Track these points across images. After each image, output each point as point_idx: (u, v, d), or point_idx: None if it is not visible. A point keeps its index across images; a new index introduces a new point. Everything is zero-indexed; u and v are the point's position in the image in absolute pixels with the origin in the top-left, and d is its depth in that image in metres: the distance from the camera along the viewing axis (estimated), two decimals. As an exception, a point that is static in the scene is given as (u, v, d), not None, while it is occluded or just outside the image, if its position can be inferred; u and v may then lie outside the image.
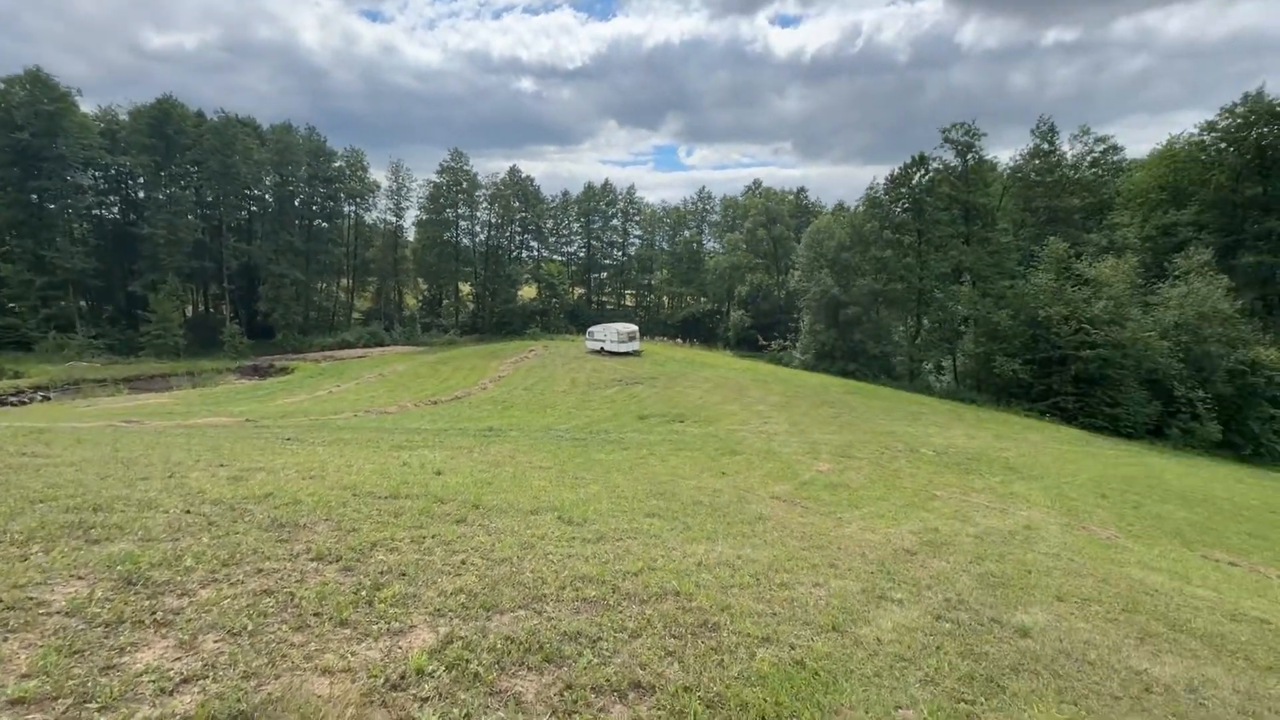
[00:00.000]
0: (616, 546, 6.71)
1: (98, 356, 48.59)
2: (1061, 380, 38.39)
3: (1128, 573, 9.78)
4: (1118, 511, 16.05)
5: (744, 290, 73.74)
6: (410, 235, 77.73)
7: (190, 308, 65.04)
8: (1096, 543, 12.10)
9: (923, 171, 50.85)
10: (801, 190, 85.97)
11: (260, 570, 4.67)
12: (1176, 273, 40.18)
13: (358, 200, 72.18)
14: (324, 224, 69.92)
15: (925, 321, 51.28)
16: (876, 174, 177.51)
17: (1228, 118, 44.84)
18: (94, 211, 59.11)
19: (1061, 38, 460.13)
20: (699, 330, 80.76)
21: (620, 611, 4.78)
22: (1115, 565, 10.17)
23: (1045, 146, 54.02)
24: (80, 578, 4.14)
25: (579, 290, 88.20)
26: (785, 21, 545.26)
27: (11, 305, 51.05)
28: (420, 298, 79.40)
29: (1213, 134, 46.00)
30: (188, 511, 6.10)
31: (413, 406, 31.71)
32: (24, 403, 35.31)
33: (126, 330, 53.81)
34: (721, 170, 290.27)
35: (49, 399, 36.86)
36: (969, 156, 49.16)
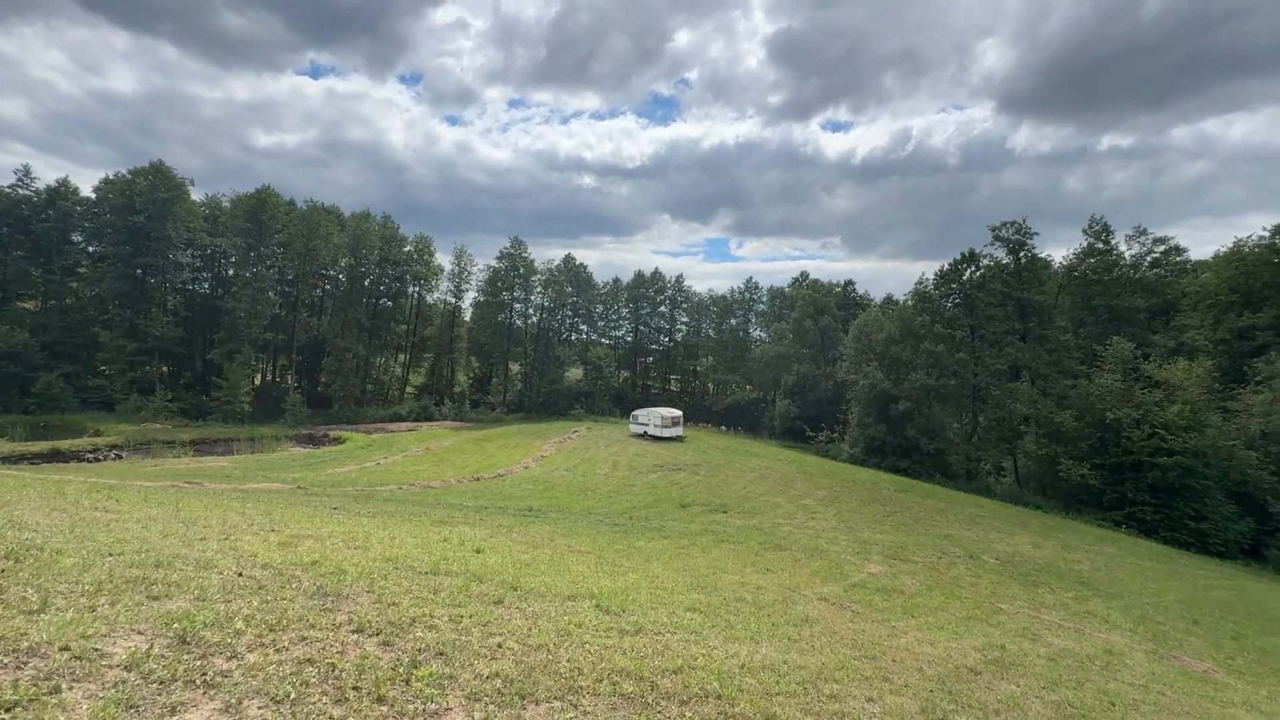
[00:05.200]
0: (655, 640, 6.45)
1: (170, 419, 51.58)
2: (1137, 489, 35.62)
3: (1232, 715, 8.67)
4: (1213, 641, 14.39)
5: (790, 380, 72.96)
6: (467, 315, 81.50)
7: (259, 376, 68.90)
8: (1191, 676, 10.82)
9: (973, 268, 50.71)
10: (850, 283, 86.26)
11: (304, 638, 4.70)
12: (1259, 378, 37.85)
13: (422, 282, 76.78)
14: (389, 303, 74.34)
15: (981, 419, 49.30)
16: (926, 269, 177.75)
17: None
18: (188, 286, 65.02)
19: (1117, 143, 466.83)
20: (743, 418, 79.69)
21: (659, 711, 4.56)
22: (1216, 704, 9.04)
23: (1100, 245, 53.42)
24: (140, 632, 4.27)
25: (625, 374, 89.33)
26: (836, 127, 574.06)
27: (103, 368, 55.73)
28: (471, 375, 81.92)
29: (1285, 237, 44.67)
30: (240, 574, 6.26)
31: (455, 482, 31.99)
32: (99, 460, 37.43)
33: (199, 395, 57.24)
34: (770, 262, 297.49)
35: (121, 457, 38.96)
36: (1021, 254, 48.92)
